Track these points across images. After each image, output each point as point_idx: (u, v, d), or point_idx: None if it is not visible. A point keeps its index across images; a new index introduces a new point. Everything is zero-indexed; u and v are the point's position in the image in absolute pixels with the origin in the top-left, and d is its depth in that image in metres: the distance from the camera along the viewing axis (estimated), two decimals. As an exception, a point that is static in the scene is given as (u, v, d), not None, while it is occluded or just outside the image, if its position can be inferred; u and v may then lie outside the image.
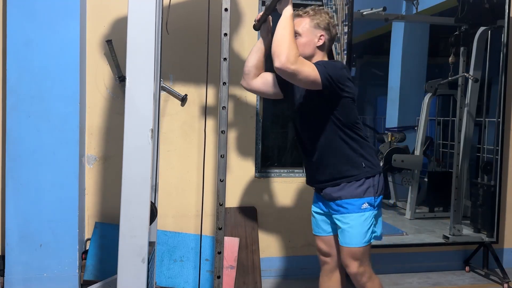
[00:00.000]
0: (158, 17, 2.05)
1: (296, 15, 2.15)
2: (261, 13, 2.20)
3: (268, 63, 2.20)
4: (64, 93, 2.91)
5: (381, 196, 2.19)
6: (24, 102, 2.86)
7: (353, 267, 2.15)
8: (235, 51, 3.23)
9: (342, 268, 2.34)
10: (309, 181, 2.32)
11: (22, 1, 2.82)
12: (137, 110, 1.88)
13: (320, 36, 2.15)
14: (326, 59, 2.20)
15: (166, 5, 2.60)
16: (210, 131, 3.16)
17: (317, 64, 2.02)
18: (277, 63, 1.91)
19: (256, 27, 2.24)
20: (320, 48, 2.17)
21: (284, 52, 1.90)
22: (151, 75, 1.88)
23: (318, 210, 2.32)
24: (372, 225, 2.14)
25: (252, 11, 3.26)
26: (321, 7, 2.22)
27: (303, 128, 2.24)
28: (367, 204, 2.11)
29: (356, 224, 2.11)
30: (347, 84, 2.08)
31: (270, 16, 2.19)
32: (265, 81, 2.32)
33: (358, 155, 2.12)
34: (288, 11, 2.00)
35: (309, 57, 2.12)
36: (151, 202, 1.96)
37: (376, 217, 2.17)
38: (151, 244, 2.17)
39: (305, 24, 2.14)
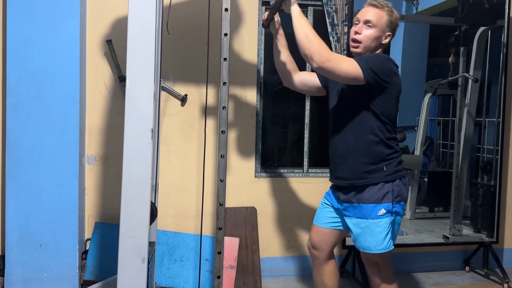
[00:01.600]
0: (158, 17, 2.05)
1: (373, 5, 2.09)
2: (267, 13, 2.20)
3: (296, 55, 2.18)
4: (64, 93, 2.91)
5: (402, 203, 2.11)
6: (24, 102, 2.86)
7: (371, 269, 2.18)
8: (235, 51, 3.22)
9: (332, 261, 2.32)
10: (331, 177, 2.28)
11: (22, 1, 2.82)
12: (138, 110, 1.88)
13: (387, 34, 2.12)
14: None
15: (166, 5, 2.60)
16: (210, 131, 3.16)
17: (358, 59, 1.96)
18: (314, 64, 1.89)
19: (264, 25, 2.23)
20: (382, 45, 2.13)
21: (316, 51, 1.87)
22: (151, 75, 1.88)
23: (328, 203, 2.29)
24: (390, 231, 2.08)
25: (252, 11, 3.26)
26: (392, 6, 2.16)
27: (337, 120, 2.17)
28: (384, 211, 2.05)
29: (373, 230, 2.06)
30: (393, 79, 2.02)
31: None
32: (305, 78, 2.30)
33: (382, 158, 2.06)
34: (295, 10, 1.98)
35: (369, 48, 2.09)
36: (151, 202, 1.96)
37: (394, 224, 2.11)
38: (151, 244, 2.17)
39: (382, 17, 2.07)
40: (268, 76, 3.39)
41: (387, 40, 2.12)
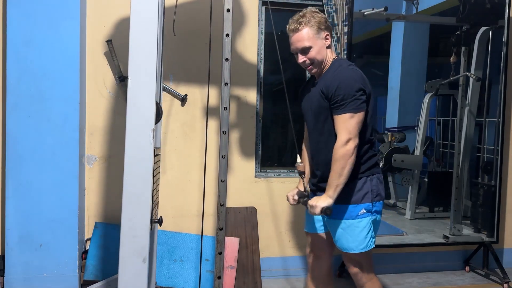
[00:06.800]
0: (160, 17, 2.05)
1: (293, 30, 2.10)
2: (296, 197, 2.32)
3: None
4: (64, 93, 2.91)
5: (381, 202, 2.15)
6: (24, 102, 2.86)
7: (352, 269, 2.18)
8: (236, 51, 3.22)
9: (330, 273, 2.35)
10: (315, 181, 2.29)
11: (22, 1, 2.82)
12: (139, 110, 1.88)
13: (326, 36, 2.14)
14: (334, 53, 2.19)
15: (168, 6, 2.59)
16: (210, 131, 3.15)
17: (344, 110, 2.00)
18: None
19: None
20: (328, 46, 2.16)
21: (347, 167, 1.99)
22: (153, 76, 1.88)
23: None
24: (371, 231, 2.12)
25: (252, 11, 3.26)
26: (305, 9, 2.15)
27: (313, 132, 2.23)
28: (364, 210, 2.09)
29: (353, 230, 2.10)
30: (362, 97, 2.04)
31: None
32: None
33: (359, 161, 2.09)
34: (331, 198, 2.02)
35: (324, 60, 2.13)
36: (157, 102, 1.94)
37: (375, 223, 2.15)
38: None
39: (308, 34, 2.08)
40: (268, 76, 3.39)
41: (328, 41, 2.15)
